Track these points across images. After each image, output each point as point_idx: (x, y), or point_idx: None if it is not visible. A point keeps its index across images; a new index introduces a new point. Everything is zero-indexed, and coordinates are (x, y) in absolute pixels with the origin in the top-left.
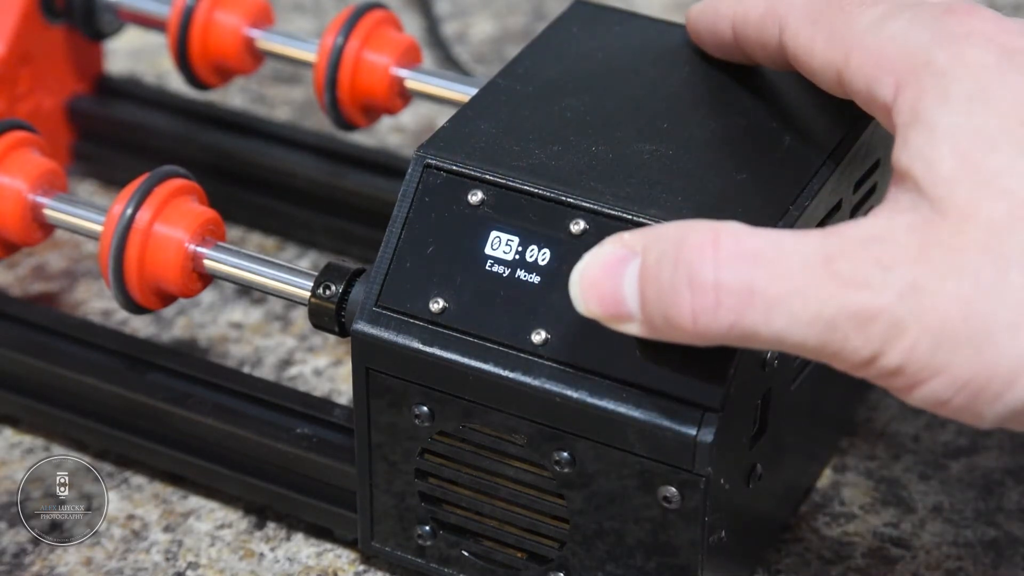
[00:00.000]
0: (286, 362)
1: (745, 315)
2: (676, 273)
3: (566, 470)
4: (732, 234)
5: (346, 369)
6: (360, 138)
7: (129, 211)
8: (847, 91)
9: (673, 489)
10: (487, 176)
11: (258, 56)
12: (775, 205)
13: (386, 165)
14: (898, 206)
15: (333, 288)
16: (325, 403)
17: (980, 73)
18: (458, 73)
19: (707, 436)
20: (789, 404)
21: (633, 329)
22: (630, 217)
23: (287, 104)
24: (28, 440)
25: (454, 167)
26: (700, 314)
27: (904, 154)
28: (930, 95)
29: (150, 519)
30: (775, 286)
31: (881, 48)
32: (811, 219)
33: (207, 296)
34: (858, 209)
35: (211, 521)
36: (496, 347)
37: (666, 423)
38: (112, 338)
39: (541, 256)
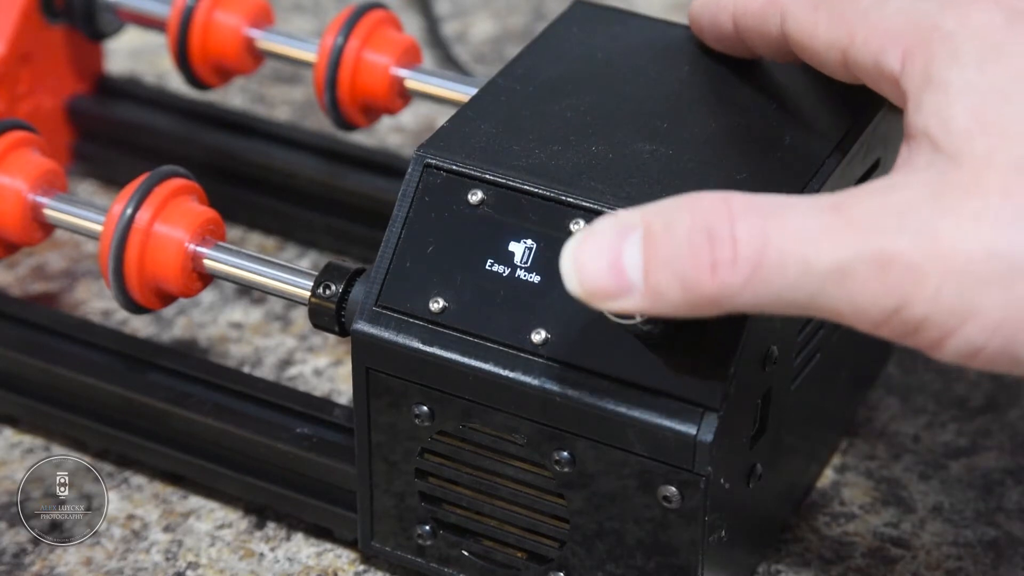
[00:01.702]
0: (286, 362)
1: (761, 266)
2: (693, 231)
3: (566, 470)
4: (741, 194)
5: (346, 369)
6: (360, 138)
7: (129, 211)
8: (853, 71)
9: (673, 489)
10: (487, 176)
11: (258, 56)
12: None
13: (386, 165)
14: (912, 166)
15: (333, 288)
16: (325, 403)
17: (989, 32)
18: (458, 73)
19: (707, 436)
20: (789, 404)
21: (631, 303)
22: None
23: (287, 104)
24: (28, 440)
25: (454, 167)
26: (720, 266)
27: (919, 116)
28: (940, 57)
29: (150, 519)
30: (787, 234)
31: (887, 21)
32: None
33: (207, 296)
34: None
35: (211, 521)
36: (496, 347)
37: (666, 423)
38: (112, 338)
39: (541, 256)
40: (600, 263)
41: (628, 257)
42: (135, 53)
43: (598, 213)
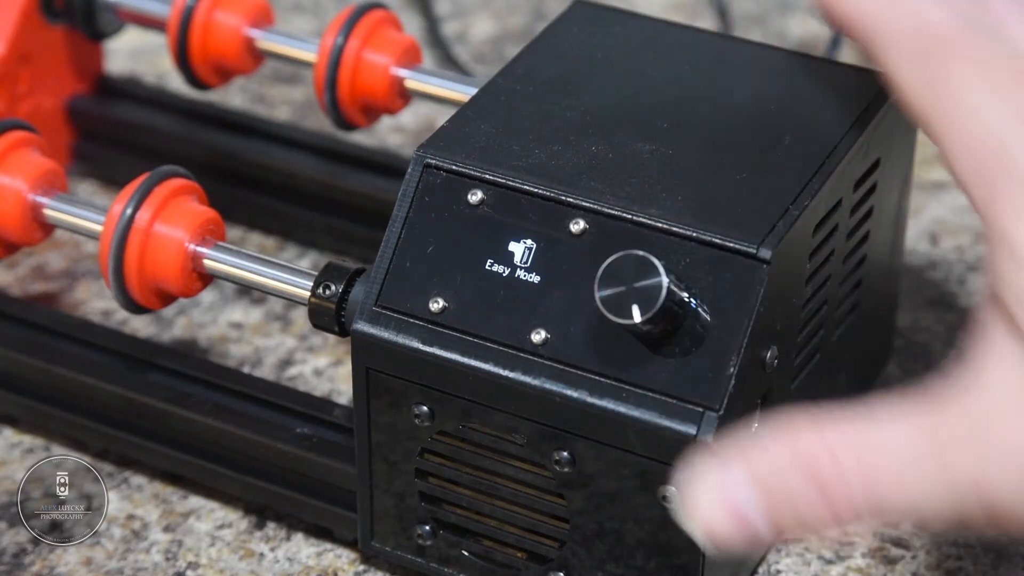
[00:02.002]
0: (286, 362)
1: (879, 506)
2: (800, 472)
3: (566, 470)
4: (835, 429)
5: (346, 369)
6: (360, 138)
7: (129, 211)
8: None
9: (673, 489)
10: (487, 176)
11: (258, 56)
12: (775, 204)
13: (386, 165)
14: (996, 356)
15: (333, 288)
16: (325, 403)
17: None
18: (458, 73)
19: (707, 436)
20: (789, 404)
21: (758, 544)
22: (630, 217)
23: (287, 104)
24: (28, 440)
25: (454, 167)
26: (841, 513)
27: (997, 281)
28: (1009, 209)
29: (150, 519)
30: (896, 483)
31: (975, 132)
32: (811, 218)
33: (207, 296)
34: (858, 208)
35: (211, 521)
36: (496, 347)
37: (666, 423)
38: (112, 338)
39: (541, 256)
40: (725, 520)
41: (748, 510)
42: (135, 53)
43: (598, 213)
